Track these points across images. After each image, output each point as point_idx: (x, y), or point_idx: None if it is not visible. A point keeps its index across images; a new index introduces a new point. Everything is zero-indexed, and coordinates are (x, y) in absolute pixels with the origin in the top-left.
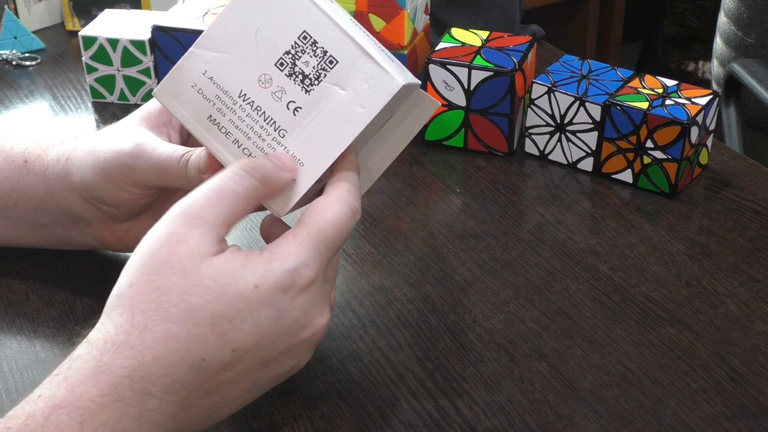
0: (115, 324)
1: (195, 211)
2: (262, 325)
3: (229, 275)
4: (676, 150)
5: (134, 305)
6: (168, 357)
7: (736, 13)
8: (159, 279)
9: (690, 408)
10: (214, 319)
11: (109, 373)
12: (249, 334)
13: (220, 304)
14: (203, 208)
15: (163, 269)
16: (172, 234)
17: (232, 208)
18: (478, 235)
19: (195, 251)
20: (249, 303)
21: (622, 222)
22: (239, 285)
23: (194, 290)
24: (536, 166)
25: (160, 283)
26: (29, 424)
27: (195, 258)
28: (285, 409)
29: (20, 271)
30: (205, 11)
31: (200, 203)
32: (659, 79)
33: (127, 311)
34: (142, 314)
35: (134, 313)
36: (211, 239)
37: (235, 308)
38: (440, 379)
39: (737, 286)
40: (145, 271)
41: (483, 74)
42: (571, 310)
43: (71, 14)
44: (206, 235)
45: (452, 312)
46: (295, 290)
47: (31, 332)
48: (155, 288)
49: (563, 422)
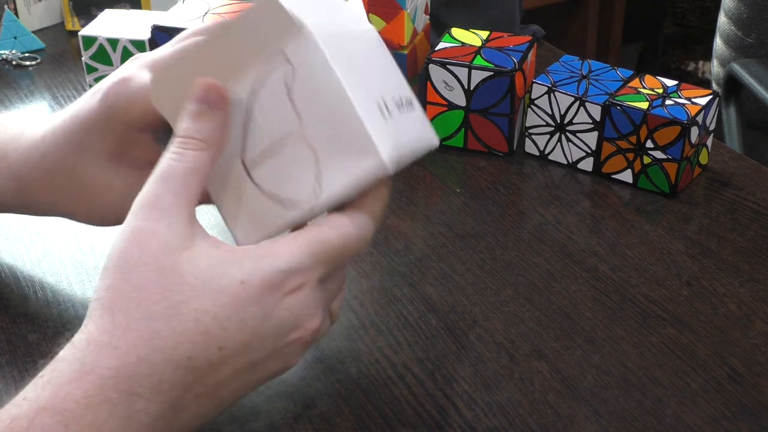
0: (97, 325)
1: (151, 203)
2: (249, 324)
3: (211, 270)
4: (676, 150)
5: (114, 305)
6: (153, 356)
7: (736, 13)
8: (136, 277)
9: (690, 408)
10: (197, 314)
11: (94, 374)
12: (236, 332)
13: (202, 300)
14: (158, 197)
15: (138, 267)
16: (137, 230)
17: (185, 186)
18: (478, 235)
19: (168, 246)
20: (234, 299)
21: (622, 222)
22: (222, 280)
23: (175, 287)
24: (536, 166)
25: (137, 281)
26: (13, 427)
27: (170, 253)
28: (285, 409)
29: (20, 271)
30: (205, 11)
31: (153, 193)
32: (659, 79)
33: (107, 312)
34: (123, 313)
35: (115, 313)
36: (179, 228)
37: (219, 304)
38: (440, 379)
39: (737, 286)
40: (119, 271)
41: (483, 74)
42: (571, 310)
43: (71, 14)
44: (173, 225)
45: (452, 312)
46: (282, 291)
47: (31, 332)
48: (133, 287)
49: (563, 422)
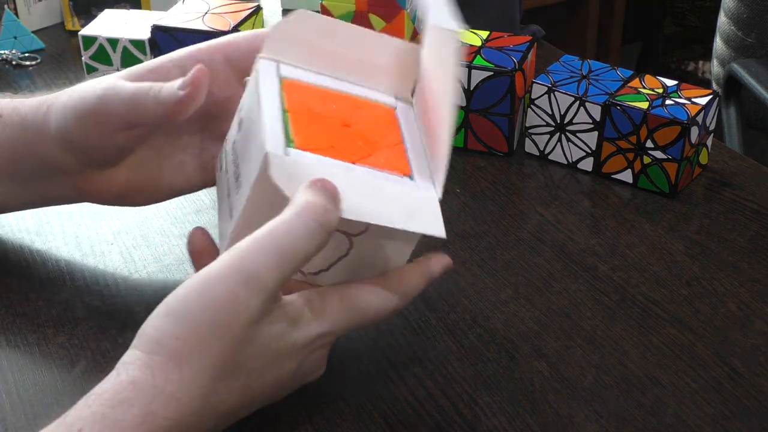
0: (163, 371)
1: (256, 274)
2: (284, 378)
3: (280, 338)
4: (676, 150)
5: (182, 358)
6: (203, 411)
7: (736, 13)
8: (215, 341)
9: (690, 408)
10: (254, 394)
11: (153, 423)
12: (271, 387)
13: (271, 370)
14: (267, 270)
15: (220, 331)
16: (233, 295)
17: (293, 268)
18: (478, 235)
19: (253, 318)
20: (278, 372)
21: (622, 222)
22: (278, 369)
23: (253, 359)
24: (536, 166)
25: (215, 344)
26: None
27: (253, 324)
28: (285, 409)
29: (20, 271)
30: (205, 11)
31: (264, 263)
32: (659, 79)
33: (175, 362)
34: (190, 367)
35: (182, 366)
36: (269, 304)
37: (273, 379)
38: (440, 379)
39: (737, 286)
40: (194, 326)
41: (483, 74)
42: (571, 310)
43: (71, 14)
44: (266, 302)
45: (452, 312)
46: (315, 346)
47: (31, 332)
48: (209, 347)
49: (563, 422)
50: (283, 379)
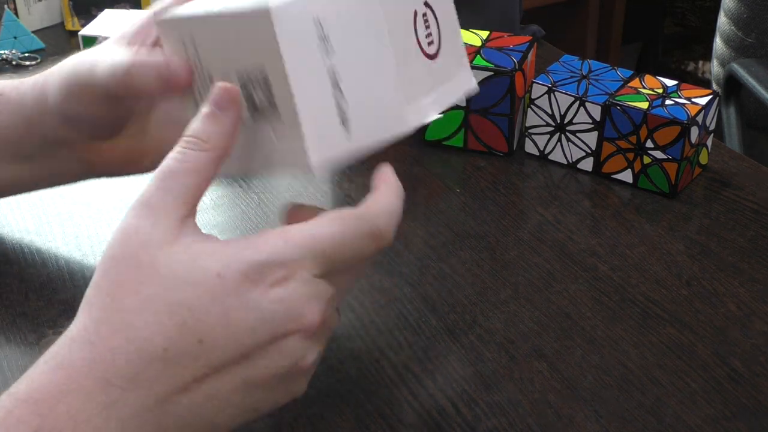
0: (76, 323)
1: (143, 200)
2: (231, 315)
3: (189, 263)
4: (676, 150)
5: (92, 302)
6: (125, 347)
7: (736, 13)
8: (114, 273)
9: (690, 408)
10: (172, 307)
11: (68, 367)
12: (216, 324)
13: (177, 292)
14: (150, 196)
15: (118, 263)
16: (125, 228)
17: (181, 185)
18: (478, 235)
19: (149, 242)
20: (212, 291)
21: (622, 222)
22: (199, 272)
23: (149, 280)
24: (536, 166)
25: (114, 276)
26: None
27: (150, 248)
28: (285, 409)
29: (20, 271)
30: None
31: (148, 191)
32: (659, 79)
33: (86, 309)
34: (98, 309)
35: (91, 310)
36: (165, 225)
37: (195, 296)
38: (440, 379)
39: (737, 286)
40: (101, 269)
41: (483, 74)
42: (571, 310)
43: (71, 14)
44: (158, 224)
45: (452, 312)
46: (264, 283)
47: (31, 332)
48: (111, 282)
49: (563, 422)
50: (232, 316)
